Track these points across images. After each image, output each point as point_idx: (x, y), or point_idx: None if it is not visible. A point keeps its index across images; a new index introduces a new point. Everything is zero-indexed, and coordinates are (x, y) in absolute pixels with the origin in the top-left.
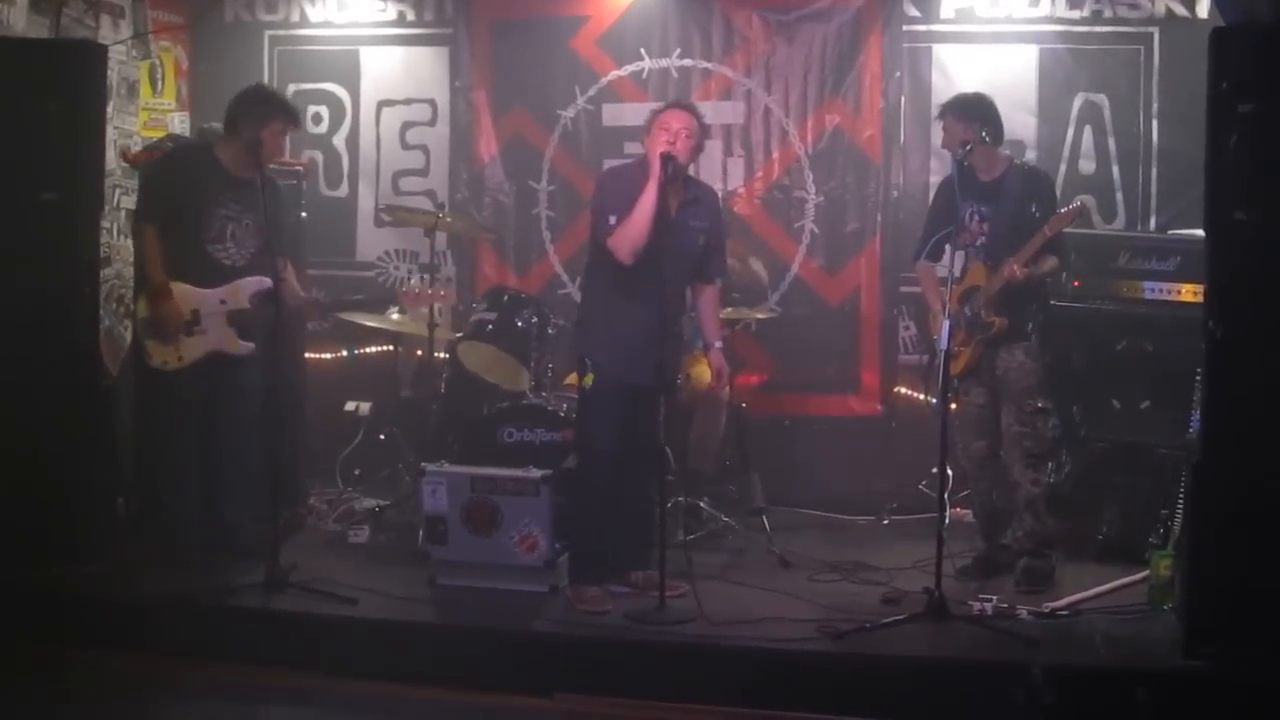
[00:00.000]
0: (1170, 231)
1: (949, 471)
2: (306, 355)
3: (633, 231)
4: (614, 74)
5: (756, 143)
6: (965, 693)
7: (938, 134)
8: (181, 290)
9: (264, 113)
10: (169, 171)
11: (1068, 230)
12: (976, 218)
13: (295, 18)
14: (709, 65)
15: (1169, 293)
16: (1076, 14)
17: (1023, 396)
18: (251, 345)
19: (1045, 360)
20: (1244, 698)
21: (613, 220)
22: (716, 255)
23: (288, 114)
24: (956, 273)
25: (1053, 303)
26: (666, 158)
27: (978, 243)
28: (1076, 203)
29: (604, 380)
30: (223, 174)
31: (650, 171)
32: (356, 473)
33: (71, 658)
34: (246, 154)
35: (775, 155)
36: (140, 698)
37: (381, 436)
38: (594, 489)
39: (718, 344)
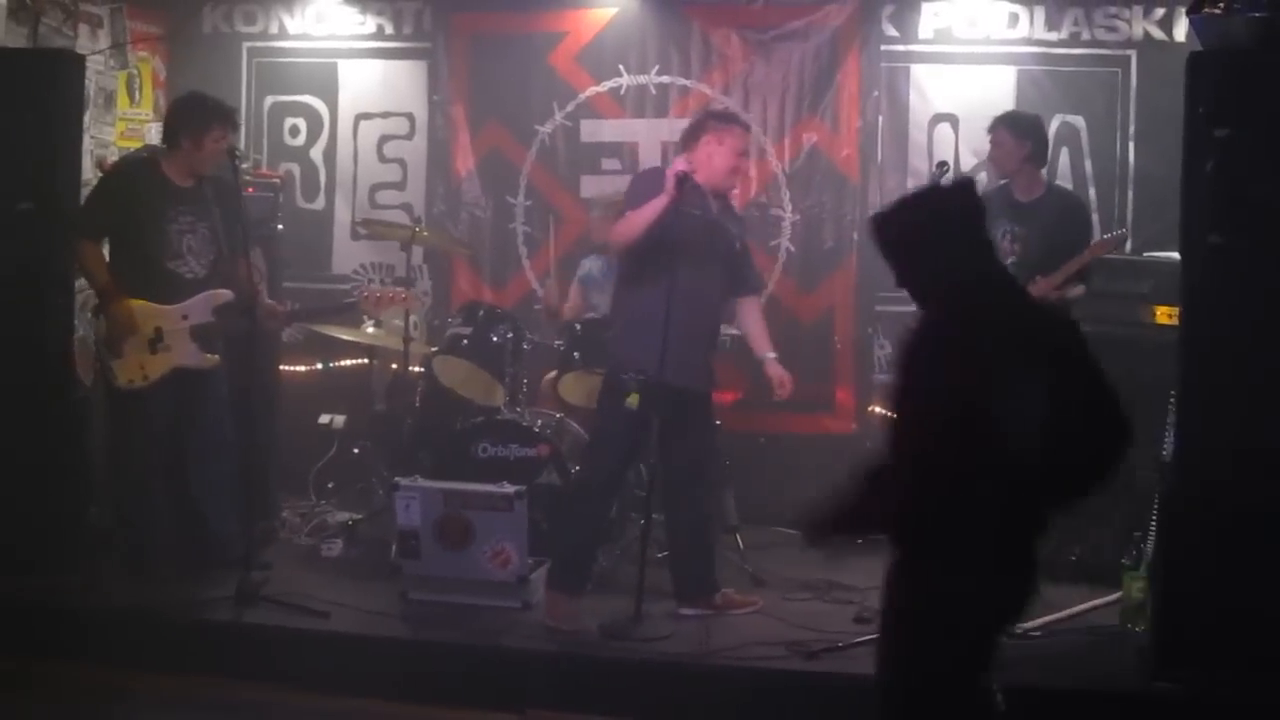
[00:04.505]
0: (1146, 253)
1: None
2: (281, 367)
3: (633, 227)
4: (592, 90)
5: None
6: None
7: (915, 153)
8: (143, 308)
9: (203, 121)
10: (114, 189)
11: None
12: (1009, 237)
13: (274, 29)
14: (687, 83)
15: (1144, 315)
16: (1054, 36)
17: None
18: (217, 358)
19: None
20: None
21: (629, 213)
22: (750, 264)
23: (225, 119)
24: None
25: None
26: (683, 179)
27: (1008, 261)
28: (1122, 230)
29: (644, 391)
30: (170, 187)
31: (665, 186)
32: (330, 486)
33: (39, 670)
34: (192, 165)
35: (752, 173)
36: (109, 711)
37: (355, 450)
38: (595, 504)
39: (771, 354)
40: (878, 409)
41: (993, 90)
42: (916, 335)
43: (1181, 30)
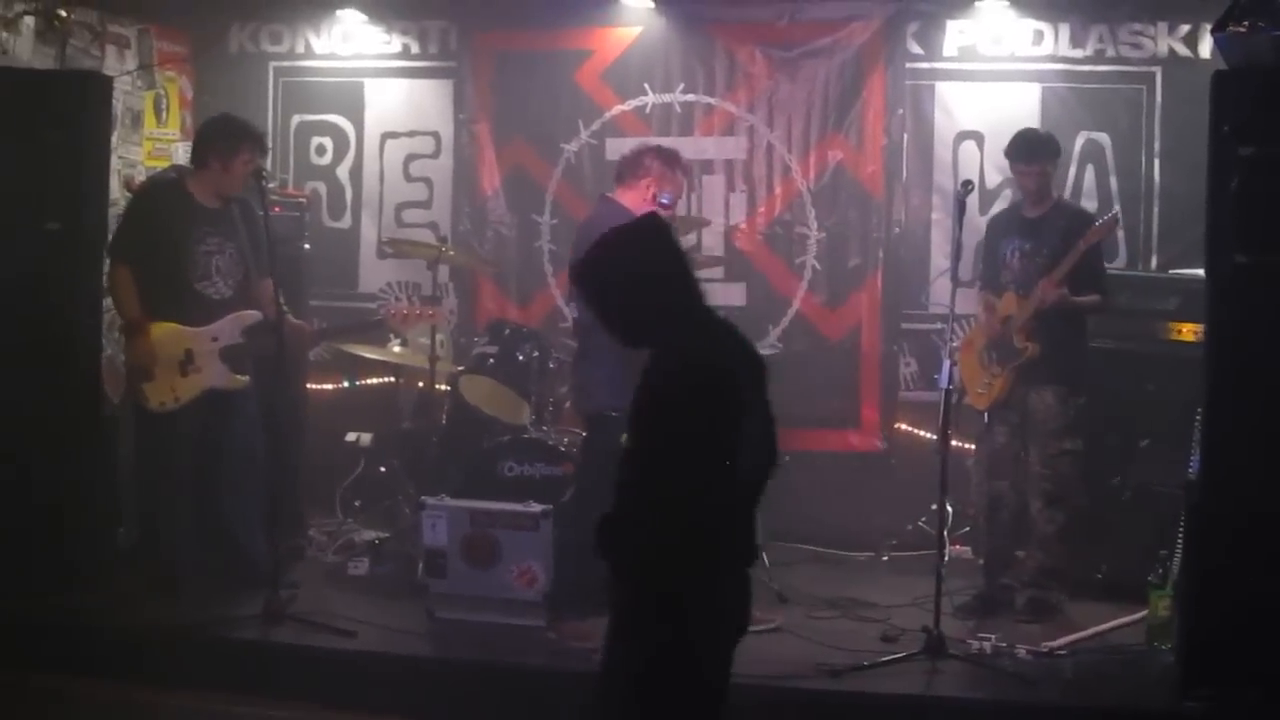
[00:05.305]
0: (1171, 271)
1: (949, 508)
2: (308, 386)
3: None
4: (617, 108)
5: (759, 178)
6: None
7: (940, 171)
8: (172, 330)
9: (232, 144)
10: (143, 211)
11: None
12: (1018, 254)
13: (300, 49)
14: (712, 100)
15: (1170, 332)
16: (1079, 53)
17: (1049, 439)
18: (247, 379)
19: (1079, 402)
20: None
21: None
22: None
23: (255, 142)
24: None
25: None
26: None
27: (1017, 278)
28: (1112, 212)
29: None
30: (198, 208)
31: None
32: (356, 504)
33: (68, 687)
34: (220, 186)
35: (777, 191)
36: None
37: (382, 468)
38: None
39: None
40: (904, 426)
41: (1017, 107)
42: (645, 380)
43: (1207, 47)
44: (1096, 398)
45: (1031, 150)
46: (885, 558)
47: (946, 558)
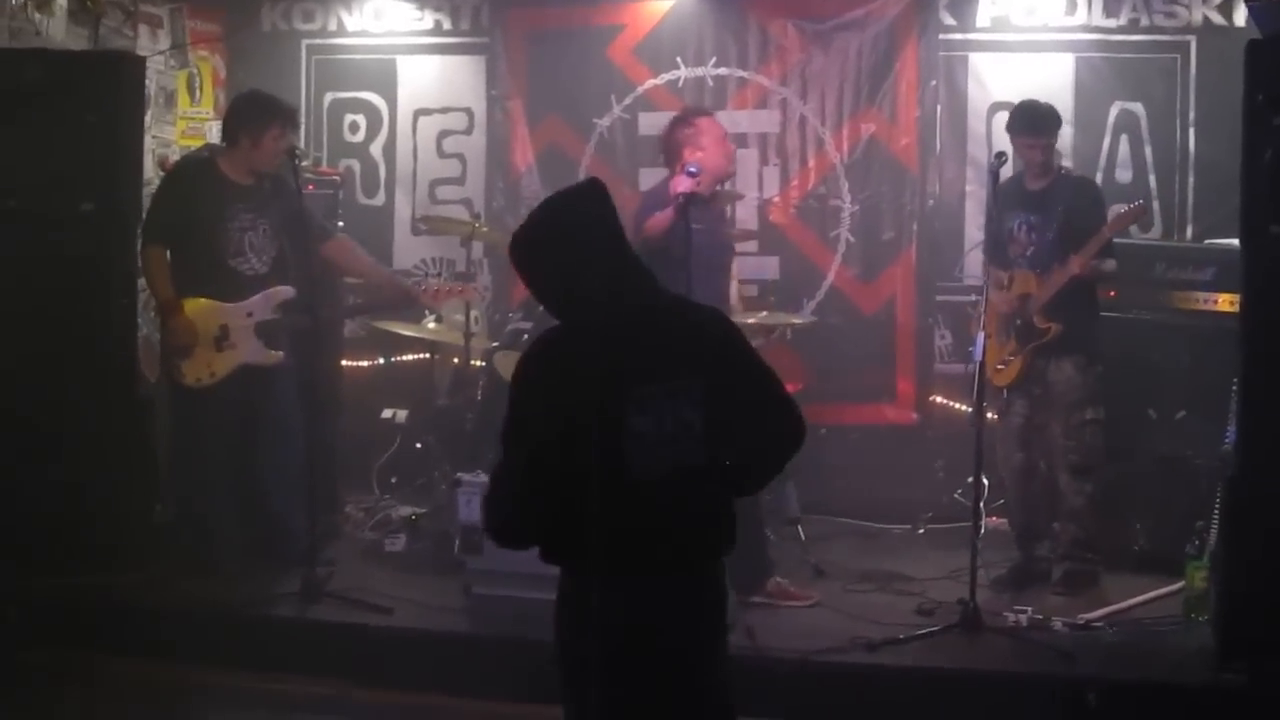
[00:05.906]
0: (1207, 241)
1: (984, 481)
2: (343, 363)
3: (659, 223)
4: (650, 83)
5: (792, 151)
6: (998, 705)
7: (974, 142)
8: (207, 306)
9: (262, 119)
10: (175, 190)
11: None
12: (1025, 228)
13: (332, 26)
14: (744, 74)
15: (1206, 302)
16: (1113, 22)
17: (1070, 410)
18: (281, 354)
19: (1098, 370)
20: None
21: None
22: None
23: (285, 117)
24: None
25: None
26: (687, 202)
27: (1027, 253)
28: (1139, 202)
29: None
30: (230, 185)
31: (671, 198)
32: (393, 481)
33: (106, 666)
34: (251, 163)
35: (811, 164)
36: (174, 707)
37: (418, 445)
38: None
39: None
40: (939, 398)
41: (1051, 78)
42: (533, 349)
43: (1241, 15)
44: (1132, 369)
45: (1035, 123)
46: (921, 531)
47: (982, 530)
